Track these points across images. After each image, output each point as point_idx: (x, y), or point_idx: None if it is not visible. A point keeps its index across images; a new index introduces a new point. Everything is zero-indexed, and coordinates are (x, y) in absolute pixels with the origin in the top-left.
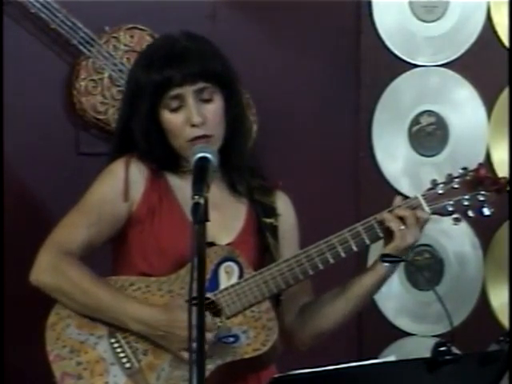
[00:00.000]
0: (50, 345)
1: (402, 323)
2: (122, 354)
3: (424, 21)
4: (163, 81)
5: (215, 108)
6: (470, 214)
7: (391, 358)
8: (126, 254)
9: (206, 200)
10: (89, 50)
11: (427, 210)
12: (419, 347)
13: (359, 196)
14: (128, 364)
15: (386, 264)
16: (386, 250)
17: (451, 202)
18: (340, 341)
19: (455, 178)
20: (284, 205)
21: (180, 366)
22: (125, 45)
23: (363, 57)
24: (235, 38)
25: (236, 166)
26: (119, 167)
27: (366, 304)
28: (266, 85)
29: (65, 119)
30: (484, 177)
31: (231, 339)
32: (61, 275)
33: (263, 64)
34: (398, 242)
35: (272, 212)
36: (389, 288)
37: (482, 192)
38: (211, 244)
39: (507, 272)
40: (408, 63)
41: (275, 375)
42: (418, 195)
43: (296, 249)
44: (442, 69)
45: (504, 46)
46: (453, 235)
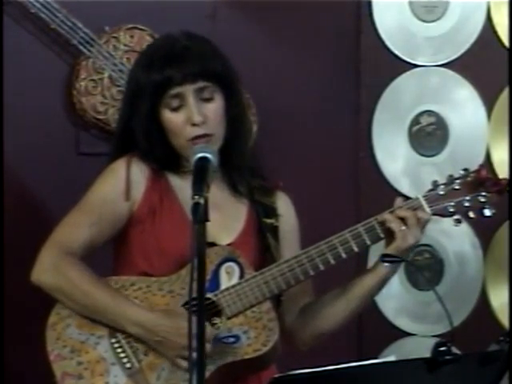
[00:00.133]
0: (51, 345)
1: (402, 323)
2: (123, 354)
3: (424, 21)
4: (163, 80)
5: (216, 107)
6: (471, 215)
7: (391, 358)
8: (127, 254)
9: (206, 200)
10: (89, 50)
11: (428, 211)
12: (419, 347)
13: (359, 196)
14: (128, 364)
15: (387, 264)
16: (387, 251)
17: (452, 203)
18: (340, 341)
19: (456, 179)
20: (285, 205)
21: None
22: (125, 45)
23: (363, 57)
24: (235, 38)
25: (236, 166)
26: (120, 167)
27: (367, 305)
28: (266, 85)
29: (65, 119)
30: (485, 178)
31: (232, 339)
32: (61, 275)
33: (263, 64)
34: (399, 243)
35: (272, 212)
36: (389, 288)
37: (483, 193)
38: (212, 244)
39: (507, 272)
40: (408, 63)
41: (275, 375)
42: (419, 196)
43: (297, 249)
44: (442, 69)
45: (504, 46)
46: (453, 235)
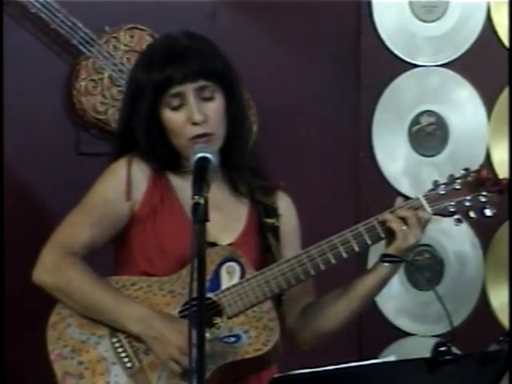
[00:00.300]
0: (52, 344)
1: (402, 323)
2: (124, 354)
3: (424, 21)
4: (164, 80)
5: (216, 106)
6: (472, 215)
7: (391, 358)
8: (128, 254)
9: (206, 200)
10: (89, 50)
11: (429, 211)
12: (419, 347)
13: (359, 196)
14: (129, 364)
15: (387, 264)
16: (388, 251)
17: (453, 203)
18: (340, 341)
19: (457, 179)
20: (285, 205)
21: None
22: (125, 45)
23: (363, 57)
24: (235, 38)
25: (237, 166)
26: (121, 167)
27: (368, 305)
28: (266, 85)
29: (65, 119)
30: (486, 178)
31: (232, 339)
32: (62, 275)
33: (263, 64)
34: (400, 243)
35: (273, 212)
36: (389, 288)
37: (484, 193)
38: (213, 244)
39: (507, 272)
40: (408, 63)
41: (275, 375)
42: (420, 196)
43: (298, 249)
44: (442, 69)
45: (504, 46)
46: (453, 235)
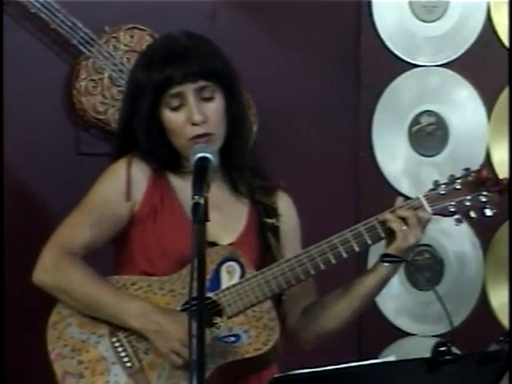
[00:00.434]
0: (52, 344)
1: (402, 323)
2: (123, 354)
3: (424, 21)
4: (164, 80)
5: (216, 106)
6: (472, 215)
7: (391, 358)
8: (128, 254)
9: (206, 200)
10: (89, 50)
11: (429, 211)
12: (419, 347)
13: (359, 196)
14: (129, 363)
15: (386, 264)
16: (388, 251)
17: (453, 203)
18: (340, 341)
19: (457, 179)
20: (285, 205)
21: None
22: (125, 45)
23: (363, 57)
24: (235, 38)
25: (237, 166)
26: (121, 167)
27: (368, 305)
28: (266, 85)
29: (65, 119)
30: (486, 178)
31: (232, 339)
32: (62, 275)
33: (263, 64)
34: (400, 243)
35: (273, 212)
36: (389, 288)
37: (484, 193)
38: (213, 244)
39: (507, 272)
40: (408, 63)
41: (275, 375)
42: (420, 196)
43: (298, 249)
44: (442, 69)
45: (504, 46)
46: (453, 235)
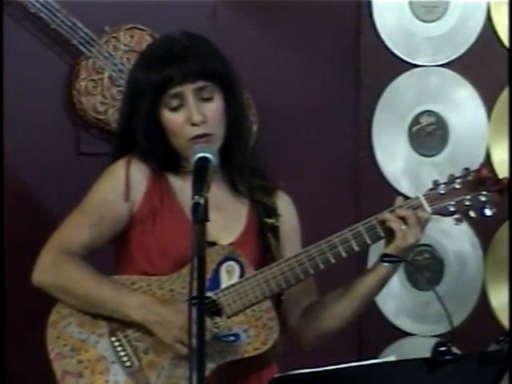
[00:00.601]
0: (51, 343)
1: (402, 323)
2: (123, 353)
3: (424, 21)
4: (163, 80)
5: (215, 107)
6: (472, 215)
7: (391, 358)
8: (128, 254)
9: (206, 200)
10: (89, 50)
11: (428, 210)
12: (419, 347)
13: (359, 196)
14: (128, 363)
15: (386, 264)
16: (387, 250)
17: (452, 203)
18: (340, 341)
19: (457, 179)
20: (285, 205)
21: (180, 365)
22: (125, 45)
23: (363, 57)
24: (235, 38)
25: (237, 166)
26: (120, 167)
27: (368, 305)
28: (266, 85)
29: (65, 119)
30: (486, 177)
31: (232, 338)
32: (61, 273)
33: (263, 64)
34: (399, 242)
35: (273, 212)
36: (389, 288)
37: (484, 192)
38: (213, 244)
39: (507, 272)
40: (408, 63)
41: (275, 375)
42: (420, 195)
43: (298, 249)
44: (442, 69)
45: (504, 46)
46: (453, 235)
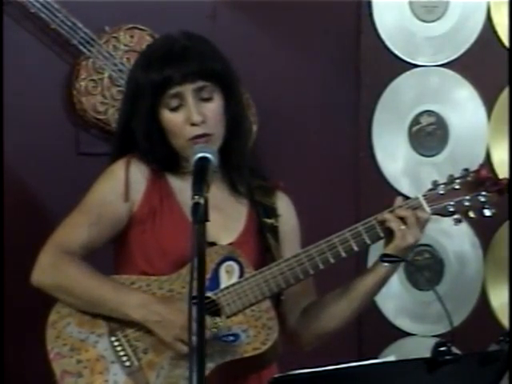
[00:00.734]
0: (51, 343)
1: (402, 323)
2: (122, 353)
3: (424, 21)
4: (163, 80)
5: (215, 107)
6: (471, 215)
7: (391, 358)
8: (128, 255)
9: (206, 200)
10: (89, 50)
11: (428, 211)
12: (419, 347)
13: (359, 196)
14: (128, 362)
15: (386, 264)
16: (387, 250)
17: (452, 203)
18: (340, 341)
19: (456, 179)
20: (285, 205)
21: (180, 365)
22: (125, 45)
23: (363, 57)
24: (235, 38)
25: (236, 167)
26: (119, 168)
27: (368, 304)
28: (266, 85)
29: (65, 119)
30: (485, 178)
31: (231, 338)
32: (60, 273)
33: (263, 64)
34: (399, 242)
35: (272, 213)
36: (389, 288)
37: (483, 193)
38: (213, 244)
39: (507, 272)
40: (408, 63)
41: (275, 375)
42: (419, 196)
43: (297, 249)
44: (442, 69)
45: (504, 46)
46: (453, 235)
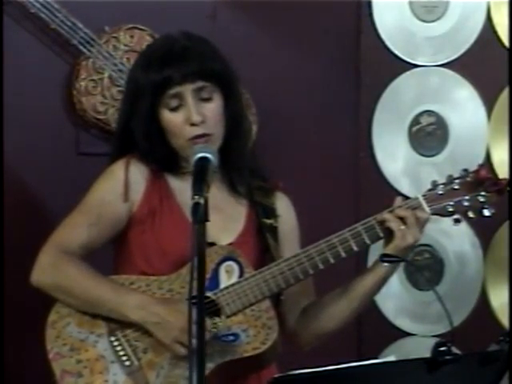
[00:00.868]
0: (50, 343)
1: (402, 323)
2: (122, 353)
3: (424, 21)
4: (163, 80)
5: (214, 107)
6: (471, 215)
7: (391, 358)
8: (127, 255)
9: (206, 200)
10: (89, 50)
11: (427, 211)
12: (419, 347)
13: (359, 196)
14: (128, 362)
15: (386, 264)
16: (386, 250)
17: (451, 203)
18: (340, 341)
19: (456, 179)
20: (284, 206)
21: (179, 364)
22: (125, 45)
23: (363, 57)
24: (235, 38)
25: (236, 167)
26: (119, 168)
27: (368, 304)
28: (266, 85)
29: (65, 119)
30: (484, 178)
31: (231, 338)
32: (60, 273)
33: (263, 64)
34: (398, 242)
35: (272, 213)
36: (389, 288)
37: (483, 193)
38: (212, 245)
39: (507, 272)
40: (408, 63)
41: (275, 375)
42: (419, 196)
43: (296, 250)
44: (442, 69)
45: (504, 46)
46: (453, 235)
